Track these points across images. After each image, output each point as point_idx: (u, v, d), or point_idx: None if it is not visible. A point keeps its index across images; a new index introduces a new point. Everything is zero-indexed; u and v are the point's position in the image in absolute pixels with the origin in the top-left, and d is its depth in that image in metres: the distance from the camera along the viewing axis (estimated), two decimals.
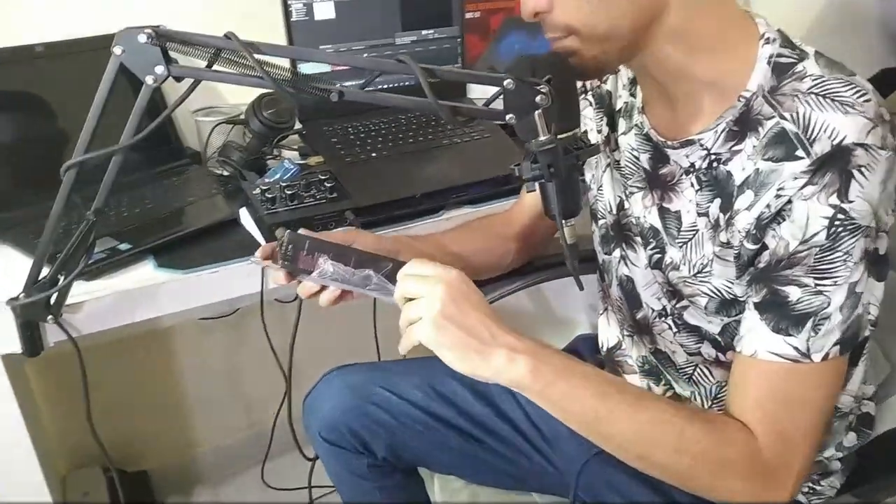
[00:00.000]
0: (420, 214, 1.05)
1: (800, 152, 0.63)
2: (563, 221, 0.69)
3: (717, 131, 0.69)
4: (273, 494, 1.43)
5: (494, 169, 1.10)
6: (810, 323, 0.64)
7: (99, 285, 0.87)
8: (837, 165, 0.61)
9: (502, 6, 1.43)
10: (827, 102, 0.63)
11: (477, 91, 1.28)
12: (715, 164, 0.71)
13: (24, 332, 0.81)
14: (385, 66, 0.67)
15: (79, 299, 0.84)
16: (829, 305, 0.64)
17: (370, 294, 0.73)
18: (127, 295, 0.87)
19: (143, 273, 0.90)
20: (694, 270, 0.75)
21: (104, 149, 0.69)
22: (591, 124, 0.88)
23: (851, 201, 0.61)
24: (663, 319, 0.83)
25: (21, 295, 0.78)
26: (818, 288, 0.64)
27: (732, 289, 0.72)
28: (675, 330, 0.82)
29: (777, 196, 0.64)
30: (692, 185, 0.74)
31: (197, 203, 1.06)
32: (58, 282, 0.78)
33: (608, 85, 0.86)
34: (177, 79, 0.67)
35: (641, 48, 0.68)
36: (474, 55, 1.41)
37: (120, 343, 1.32)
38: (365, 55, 1.22)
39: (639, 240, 0.82)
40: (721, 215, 0.71)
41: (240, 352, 1.51)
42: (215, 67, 0.67)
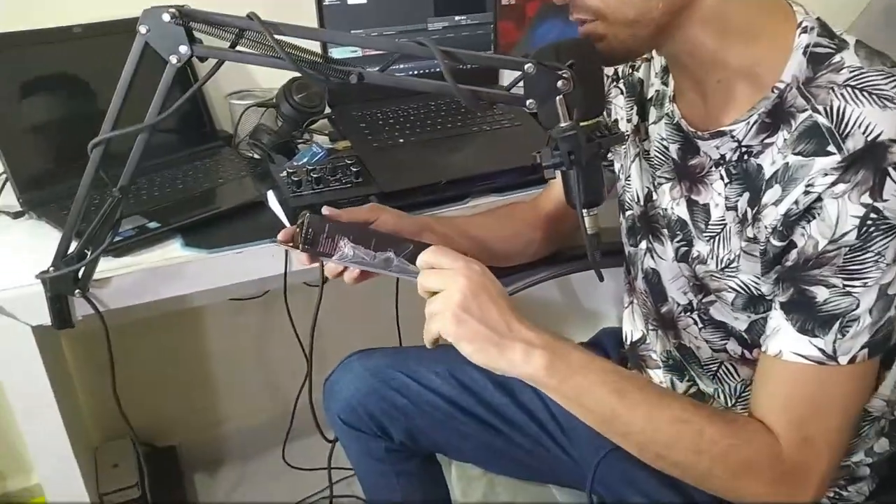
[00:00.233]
0: (445, 201, 1.04)
1: (831, 147, 0.61)
2: (585, 211, 0.68)
3: (749, 123, 0.67)
4: (294, 474, 1.45)
5: (522, 158, 1.06)
6: (837, 324, 0.62)
7: (127, 262, 0.88)
8: (871, 162, 0.59)
9: None
10: (864, 96, 0.60)
11: (510, 79, 1.26)
12: (746, 157, 0.68)
13: (54, 305, 0.83)
14: (405, 48, 0.66)
15: (107, 275, 0.86)
16: (858, 307, 0.62)
17: (392, 275, 0.73)
18: (153, 272, 0.89)
19: (171, 252, 0.91)
20: (721, 265, 0.73)
21: (130, 127, 0.70)
22: (622, 113, 0.86)
23: (885, 200, 0.59)
24: (689, 314, 0.81)
25: (50, 269, 0.80)
26: (847, 289, 0.62)
27: (760, 285, 0.70)
28: (701, 325, 0.80)
29: (806, 192, 0.62)
30: (721, 178, 0.72)
31: (226, 184, 1.07)
32: (85, 256, 0.80)
33: (640, 73, 0.84)
34: (200, 59, 0.67)
35: (673, 33, 0.66)
36: (509, 42, 1.39)
37: (153, 321, 1.35)
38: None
39: (666, 232, 0.80)
40: (749, 210, 0.69)
41: (267, 333, 1.53)
42: (239, 48, 0.68)
